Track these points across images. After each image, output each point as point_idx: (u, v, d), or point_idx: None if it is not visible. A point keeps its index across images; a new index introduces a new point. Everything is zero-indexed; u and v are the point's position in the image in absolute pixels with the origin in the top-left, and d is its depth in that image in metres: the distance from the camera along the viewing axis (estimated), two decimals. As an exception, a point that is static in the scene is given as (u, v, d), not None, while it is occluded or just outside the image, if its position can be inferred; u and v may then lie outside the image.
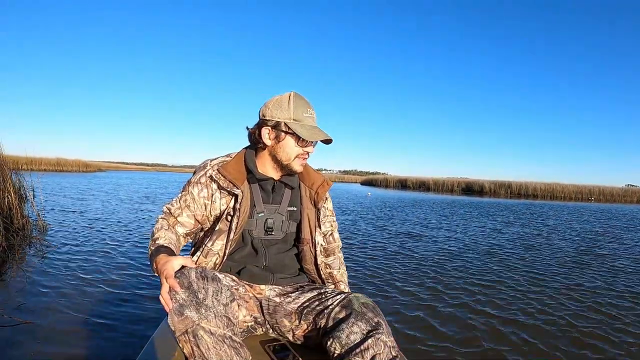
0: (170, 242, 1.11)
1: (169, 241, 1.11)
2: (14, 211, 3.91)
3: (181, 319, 0.87)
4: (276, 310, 1.14)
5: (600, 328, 2.39)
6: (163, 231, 1.14)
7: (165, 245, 1.07)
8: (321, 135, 1.13)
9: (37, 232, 4.31)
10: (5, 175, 4.04)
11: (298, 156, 1.14)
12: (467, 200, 17.96)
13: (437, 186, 30.22)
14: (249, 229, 1.18)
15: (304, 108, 1.12)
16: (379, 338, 0.95)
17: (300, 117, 1.11)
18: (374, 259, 4.00)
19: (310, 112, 1.13)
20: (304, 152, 1.15)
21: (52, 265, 3.08)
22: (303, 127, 1.11)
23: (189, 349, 0.87)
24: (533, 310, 2.66)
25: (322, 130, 1.15)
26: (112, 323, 2.09)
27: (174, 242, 1.13)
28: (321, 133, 1.14)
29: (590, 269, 4.03)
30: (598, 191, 26.47)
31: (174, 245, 1.11)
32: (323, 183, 1.26)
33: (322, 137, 1.13)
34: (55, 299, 2.38)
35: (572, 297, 3.01)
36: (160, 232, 1.13)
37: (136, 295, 2.53)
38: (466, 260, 4.18)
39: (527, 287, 3.23)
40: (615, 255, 4.93)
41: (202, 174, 1.19)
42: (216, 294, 0.92)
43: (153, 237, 1.12)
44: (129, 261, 3.39)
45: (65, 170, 26.95)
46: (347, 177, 68.94)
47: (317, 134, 1.13)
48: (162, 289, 0.91)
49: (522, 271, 3.81)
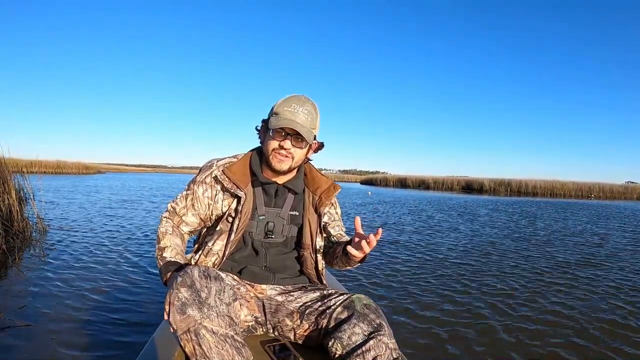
0: (178, 253, 1.14)
1: (176, 251, 1.14)
2: (14, 213, 3.90)
3: (183, 317, 0.87)
4: (278, 309, 1.14)
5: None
6: (169, 237, 1.16)
7: (174, 261, 1.11)
8: (284, 123, 1.07)
9: (37, 234, 4.30)
10: (6, 178, 4.04)
11: (274, 150, 1.12)
12: (467, 198, 17.96)
13: (437, 185, 30.22)
14: (250, 230, 1.19)
15: (289, 103, 1.11)
16: (381, 340, 0.95)
17: (280, 110, 1.10)
18: (375, 260, 4.00)
19: (294, 106, 1.10)
20: (279, 147, 1.11)
21: (52, 267, 3.08)
22: (277, 118, 1.10)
23: (191, 348, 0.87)
24: (540, 315, 2.65)
25: (293, 120, 1.08)
26: (112, 324, 2.09)
27: (180, 249, 1.16)
28: (286, 122, 1.07)
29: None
30: (598, 188, 26.46)
31: (181, 256, 1.15)
32: (329, 188, 1.24)
33: (283, 125, 1.07)
34: (55, 301, 2.38)
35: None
36: (166, 238, 1.16)
37: (136, 296, 2.53)
38: (468, 261, 4.18)
39: (528, 289, 3.23)
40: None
41: (207, 173, 1.20)
42: (219, 293, 0.92)
43: (160, 243, 1.15)
44: (128, 262, 3.38)
45: (65, 173, 26.92)
46: (347, 176, 68.95)
47: (282, 122, 1.07)
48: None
49: (522, 271, 3.80)
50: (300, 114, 1.10)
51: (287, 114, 1.09)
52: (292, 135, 1.10)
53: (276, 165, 1.13)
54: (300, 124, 1.09)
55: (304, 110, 1.11)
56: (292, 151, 1.12)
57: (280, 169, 1.14)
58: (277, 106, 1.12)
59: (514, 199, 19.44)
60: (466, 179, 30.55)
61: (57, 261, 3.28)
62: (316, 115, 1.14)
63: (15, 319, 2.06)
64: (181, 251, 1.17)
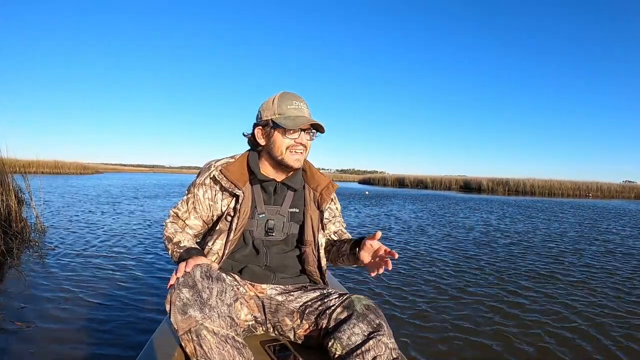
0: (194, 243, 1.17)
1: (192, 242, 1.17)
2: (12, 214, 3.89)
3: (184, 318, 0.87)
4: (278, 309, 1.15)
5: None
6: (179, 234, 1.18)
7: (194, 247, 1.14)
8: (304, 121, 1.12)
9: (36, 234, 4.29)
10: (4, 178, 4.02)
11: (289, 148, 1.13)
12: (467, 197, 17.99)
13: (435, 184, 30.25)
14: (250, 229, 1.19)
15: (289, 101, 1.13)
16: (380, 340, 0.95)
17: (284, 110, 1.12)
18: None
19: (296, 103, 1.13)
20: (295, 144, 1.13)
21: (51, 268, 3.07)
22: (287, 118, 1.12)
23: (192, 348, 0.87)
24: (544, 316, 2.66)
25: (308, 117, 1.14)
26: (112, 324, 2.09)
27: (194, 241, 1.19)
28: (304, 119, 1.12)
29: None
30: (595, 187, 26.54)
31: (199, 246, 1.19)
32: (328, 185, 1.26)
33: (305, 122, 1.11)
34: (55, 301, 2.37)
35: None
36: (178, 234, 1.18)
37: (136, 297, 2.53)
38: (468, 261, 4.19)
39: (531, 290, 3.24)
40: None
41: (206, 175, 1.20)
42: (220, 294, 0.93)
43: (173, 240, 1.16)
44: (128, 262, 3.38)
45: (63, 173, 26.84)
46: (345, 175, 68.92)
47: (300, 120, 1.11)
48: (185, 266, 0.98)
49: (525, 272, 3.82)
50: (304, 109, 1.15)
51: (295, 112, 1.13)
52: (305, 130, 1.14)
53: (295, 164, 1.15)
54: (313, 119, 1.14)
55: (305, 106, 1.15)
56: (307, 144, 1.16)
57: (299, 165, 1.17)
58: (278, 106, 1.13)
59: (512, 198, 19.48)
60: (464, 178, 30.60)
61: (56, 262, 3.27)
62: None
63: (14, 320, 2.06)
64: (195, 243, 1.19)
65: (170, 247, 1.16)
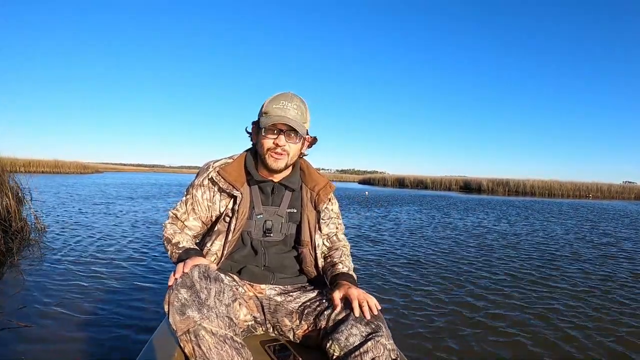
0: (193, 244, 1.17)
1: (191, 243, 1.16)
2: (12, 214, 3.89)
3: (183, 318, 0.87)
4: (277, 309, 1.15)
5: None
6: (179, 235, 1.18)
7: (193, 248, 1.14)
8: (275, 120, 1.08)
9: (35, 234, 4.29)
10: (3, 178, 4.02)
11: (269, 150, 1.12)
12: (467, 197, 17.98)
13: (435, 184, 30.23)
14: (248, 230, 1.19)
15: (277, 100, 1.11)
16: (379, 341, 0.94)
17: (269, 109, 1.11)
18: (374, 260, 4.00)
19: (283, 103, 1.11)
20: (274, 145, 1.11)
21: (51, 268, 3.07)
22: (268, 116, 1.10)
23: (190, 348, 0.87)
24: (545, 316, 2.65)
25: (284, 116, 1.09)
26: (112, 324, 2.09)
27: (193, 242, 1.19)
28: (278, 118, 1.08)
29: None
30: (595, 188, 26.53)
31: (198, 247, 1.18)
32: (325, 186, 1.25)
33: (276, 121, 1.08)
34: (54, 301, 2.37)
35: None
36: (177, 235, 1.17)
37: (135, 297, 2.53)
38: (468, 261, 4.19)
39: (531, 290, 3.24)
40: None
41: (204, 176, 1.20)
42: (219, 294, 0.93)
43: (172, 241, 1.16)
44: (127, 262, 3.38)
45: (63, 172, 26.83)
46: (345, 176, 68.94)
47: (272, 119, 1.08)
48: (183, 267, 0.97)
49: (525, 273, 3.82)
50: (290, 109, 1.11)
51: (277, 111, 1.10)
52: (284, 131, 1.11)
53: (272, 165, 1.13)
54: (291, 119, 1.10)
55: (293, 106, 1.11)
56: (287, 148, 1.12)
57: (277, 167, 1.14)
58: (266, 105, 1.12)
59: (512, 198, 19.48)
60: (464, 178, 30.61)
61: (55, 261, 3.27)
62: (305, 109, 1.15)
63: (14, 320, 2.06)
64: (194, 244, 1.19)
65: (170, 248, 1.16)
